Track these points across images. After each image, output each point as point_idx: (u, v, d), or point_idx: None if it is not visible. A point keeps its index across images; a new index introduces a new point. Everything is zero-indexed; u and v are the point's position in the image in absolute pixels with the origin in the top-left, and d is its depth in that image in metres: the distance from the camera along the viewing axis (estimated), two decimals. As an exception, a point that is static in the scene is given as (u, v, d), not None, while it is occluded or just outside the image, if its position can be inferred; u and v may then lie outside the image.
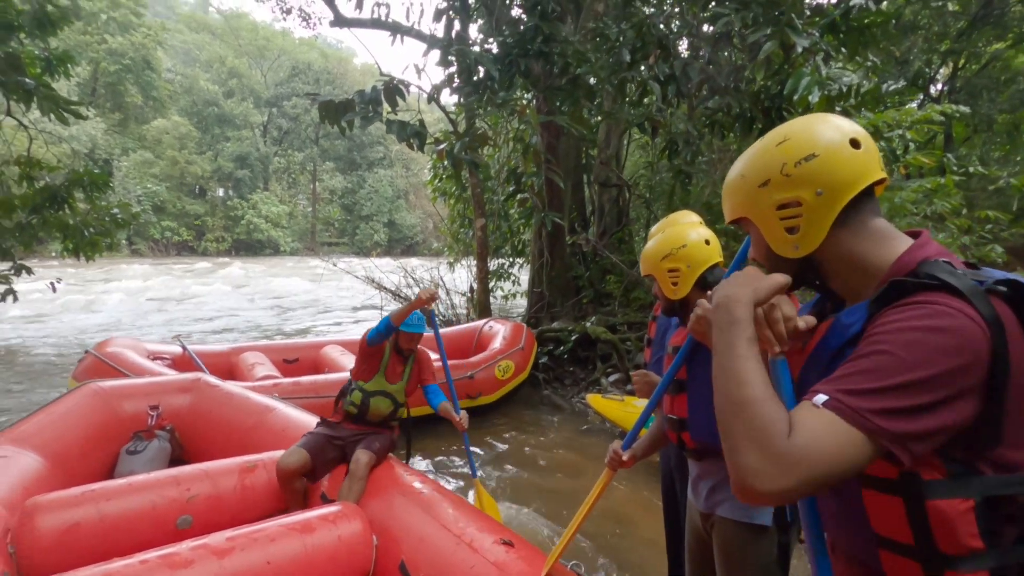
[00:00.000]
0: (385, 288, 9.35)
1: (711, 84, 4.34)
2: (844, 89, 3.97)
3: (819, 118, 0.88)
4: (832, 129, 0.85)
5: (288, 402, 3.43)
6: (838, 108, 4.03)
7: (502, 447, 4.75)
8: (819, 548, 0.85)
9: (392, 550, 2.21)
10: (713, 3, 4.65)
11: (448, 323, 8.54)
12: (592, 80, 4.76)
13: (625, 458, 1.77)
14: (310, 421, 3.09)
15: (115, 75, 35.67)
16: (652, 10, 5.39)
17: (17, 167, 6.98)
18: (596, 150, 8.31)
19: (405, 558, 2.14)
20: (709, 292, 0.88)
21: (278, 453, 2.73)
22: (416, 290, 9.37)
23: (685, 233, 1.76)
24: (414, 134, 4.06)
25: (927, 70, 11.01)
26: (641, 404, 4.32)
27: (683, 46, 5.14)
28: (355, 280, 9.83)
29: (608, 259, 7.74)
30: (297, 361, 5.68)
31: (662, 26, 4.39)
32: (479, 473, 3.13)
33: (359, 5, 6.44)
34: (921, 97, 10.99)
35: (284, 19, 14.13)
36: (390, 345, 2.89)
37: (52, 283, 8.18)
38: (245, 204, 41.02)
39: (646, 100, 5.24)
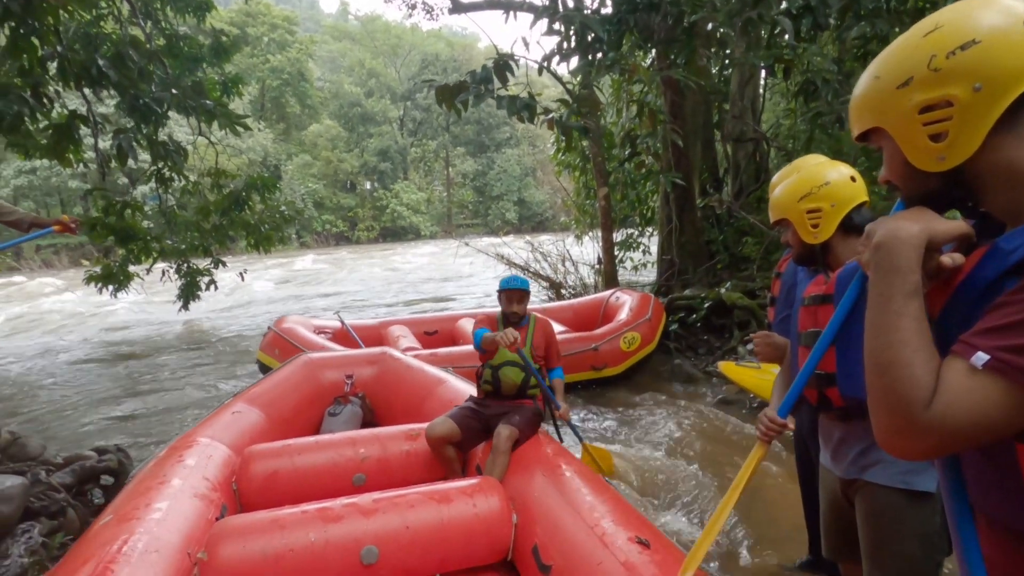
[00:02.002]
0: (514, 264, 9.65)
1: (856, 9, 3.77)
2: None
3: (982, 0, 0.72)
4: (998, 11, 0.69)
5: (457, 375, 3.62)
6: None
7: (632, 420, 4.71)
8: (962, 513, 0.76)
9: (529, 531, 2.18)
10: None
11: (576, 295, 8.60)
12: (710, 26, 4.39)
13: (791, 427, 1.60)
14: (474, 393, 3.22)
15: (277, 89, 40.53)
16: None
17: (209, 178, 8.33)
18: (728, 104, 7.68)
19: (539, 542, 2.10)
20: (869, 226, 0.77)
21: None
22: (545, 264, 9.57)
23: (824, 171, 1.60)
24: (523, 107, 4.11)
25: None
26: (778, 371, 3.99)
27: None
28: (488, 258, 10.28)
29: (745, 220, 7.17)
30: (436, 333, 6.16)
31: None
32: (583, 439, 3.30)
33: (472, -12, 6.59)
34: None
35: (411, 14, 14.91)
36: (500, 318, 2.93)
37: (241, 273, 9.71)
38: (388, 194, 44.52)
39: (785, 38, 4.72)
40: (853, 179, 1.59)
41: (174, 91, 6.32)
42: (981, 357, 0.62)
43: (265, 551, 1.94)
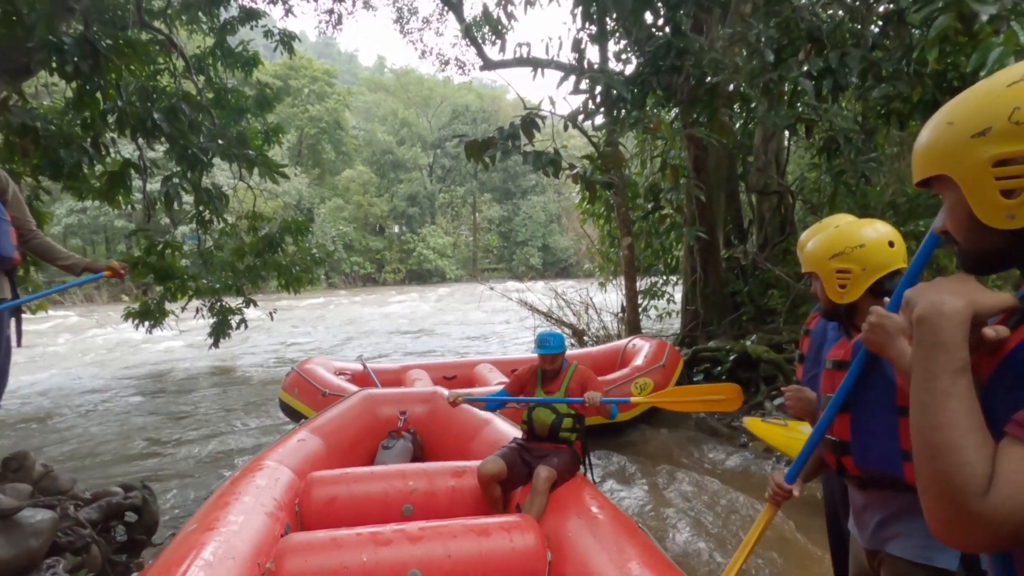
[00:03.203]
0: (537, 310, 9.69)
1: (875, 72, 3.86)
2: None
3: None
4: None
5: (503, 417, 3.78)
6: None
7: (648, 473, 4.61)
8: None
9: (562, 569, 2.31)
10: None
11: (599, 342, 8.56)
12: (732, 87, 4.53)
13: (796, 492, 1.61)
14: (517, 435, 3.36)
15: (314, 137, 42.41)
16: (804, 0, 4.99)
17: (246, 220, 8.69)
18: (752, 157, 7.78)
19: None
20: (909, 295, 0.74)
21: None
22: (567, 311, 9.60)
23: (861, 232, 1.53)
24: (549, 162, 4.26)
25: None
26: (808, 429, 3.88)
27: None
28: (511, 302, 10.37)
29: (770, 272, 7.13)
30: (455, 378, 6.17)
31: (813, 17, 4.02)
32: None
33: (502, 48, 6.96)
34: None
35: (444, 70, 15.64)
36: (539, 369, 3.10)
37: (270, 313, 9.97)
38: (416, 238, 45.47)
39: (805, 98, 4.83)
40: (891, 244, 1.52)
41: (220, 141, 6.70)
42: None
43: (324, 567, 2.16)
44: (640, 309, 8.48)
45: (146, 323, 8.48)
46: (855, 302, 1.56)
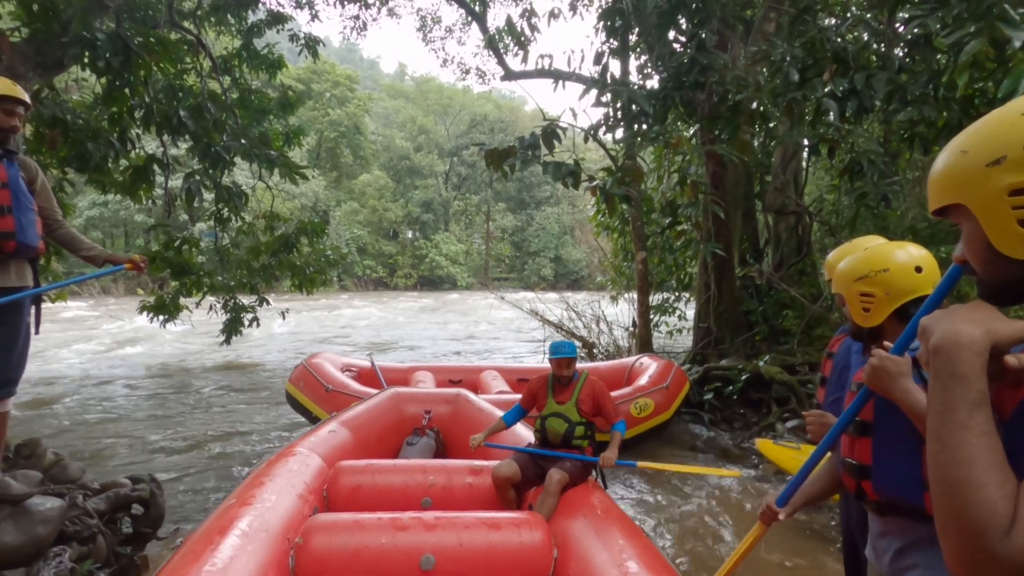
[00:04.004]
0: (548, 321, 9.66)
1: (901, 95, 3.82)
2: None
3: None
4: None
5: (523, 423, 3.86)
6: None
7: (653, 491, 4.56)
8: None
9: (566, 566, 2.44)
10: (907, 4, 4.15)
11: (609, 356, 8.51)
12: (755, 104, 4.52)
13: (782, 516, 1.60)
14: (532, 439, 3.47)
15: (333, 140, 42.91)
16: (830, 20, 4.98)
17: (263, 220, 8.78)
18: (770, 176, 7.73)
19: None
20: (925, 322, 0.72)
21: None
22: (579, 323, 9.56)
23: (890, 254, 1.50)
24: (568, 173, 4.28)
25: None
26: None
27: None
28: (520, 312, 10.35)
29: (785, 293, 7.06)
30: (461, 382, 6.17)
31: (839, 39, 4.00)
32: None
33: (524, 59, 7.02)
34: None
35: (464, 78, 15.78)
36: (550, 378, 3.16)
37: (283, 312, 10.03)
38: (429, 244, 45.71)
39: (829, 118, 4.80)
40: (919, 269, 1.49)
41: (243, 140, 6.79)
42: None
43: (346, 545, 2.37)
44: (651, 325, 8.41)
45: (160, 317, 8.57)
46: (880, 325, 1.54)
